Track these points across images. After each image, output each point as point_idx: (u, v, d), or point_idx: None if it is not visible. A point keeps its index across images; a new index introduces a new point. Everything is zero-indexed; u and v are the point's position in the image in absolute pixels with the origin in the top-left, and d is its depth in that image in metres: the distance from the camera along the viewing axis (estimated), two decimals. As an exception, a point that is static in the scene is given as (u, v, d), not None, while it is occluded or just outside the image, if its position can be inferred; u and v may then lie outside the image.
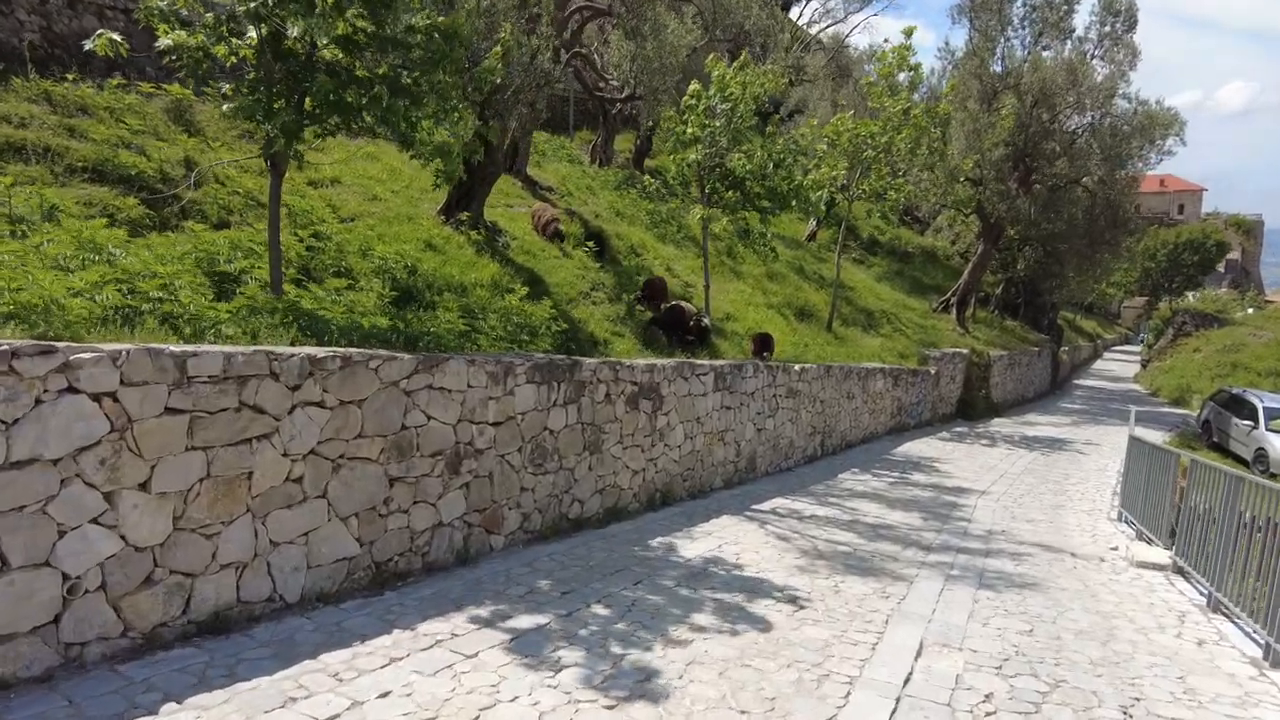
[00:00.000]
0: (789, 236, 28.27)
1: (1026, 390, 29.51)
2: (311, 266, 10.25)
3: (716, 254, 21.35)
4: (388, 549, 6.79)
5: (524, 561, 7.69)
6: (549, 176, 19.94)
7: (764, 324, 17.21)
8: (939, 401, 22.62)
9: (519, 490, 8.10)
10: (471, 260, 12.64)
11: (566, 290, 13.48)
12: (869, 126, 19.68)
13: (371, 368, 6.50)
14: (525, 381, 8.05)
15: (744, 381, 12.51)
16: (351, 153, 15.48)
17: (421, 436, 6.98)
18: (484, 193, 14.26)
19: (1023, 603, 7.72)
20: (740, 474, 12.66)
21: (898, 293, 28.12)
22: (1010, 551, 9.77)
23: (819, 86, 31.63)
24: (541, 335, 10.91)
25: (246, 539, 5.71)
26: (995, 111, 24.76)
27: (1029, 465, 17.00)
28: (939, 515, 11.51)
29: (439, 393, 7.11)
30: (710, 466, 11.74)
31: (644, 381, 9.91)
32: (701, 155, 14.97)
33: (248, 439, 5.67)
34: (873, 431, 18.59)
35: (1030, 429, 22.98)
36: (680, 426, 10.84)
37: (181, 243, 8.69)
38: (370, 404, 6.51)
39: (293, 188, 12.87)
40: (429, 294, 10.96)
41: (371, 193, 13.97)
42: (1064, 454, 18.97)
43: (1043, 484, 14.95)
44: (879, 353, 20.45)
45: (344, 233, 11.58)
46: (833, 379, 16.04)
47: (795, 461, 14.74)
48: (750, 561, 8.36)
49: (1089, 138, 24.82)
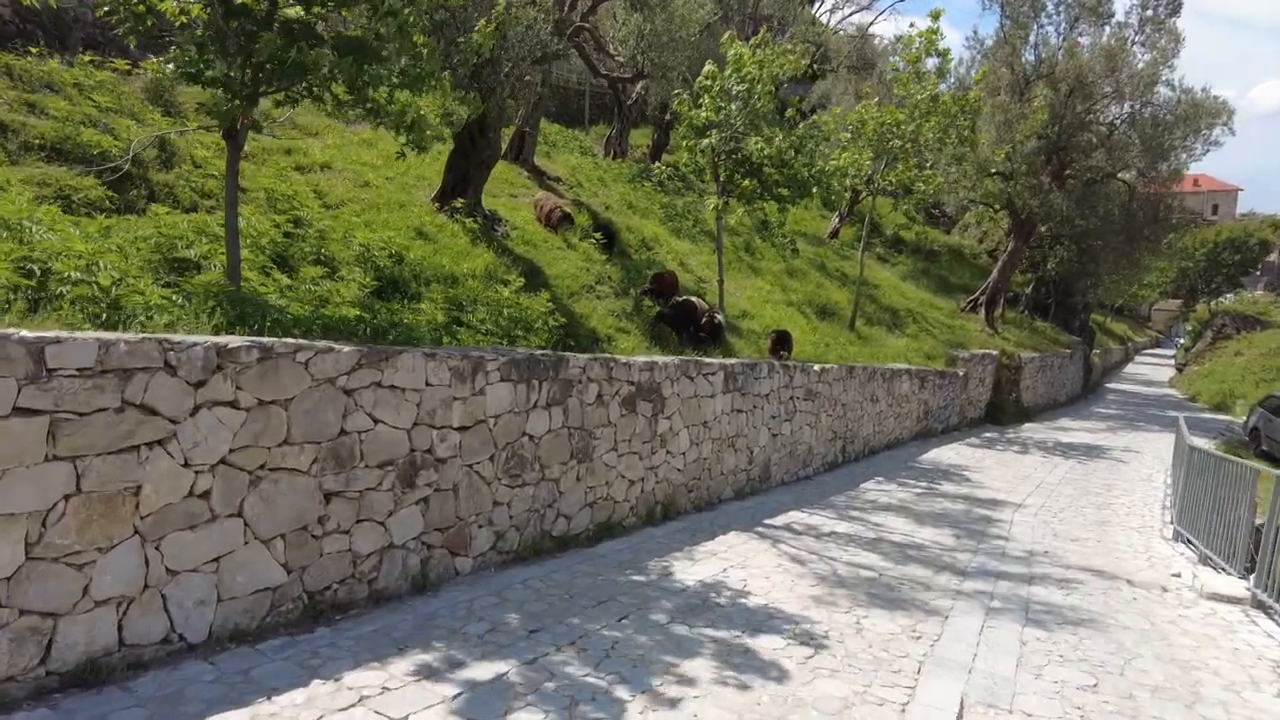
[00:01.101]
0: (811, 233, 26.98)
1: (1058, 394, 27.94)
2: (289, 254, 9.29)
3: (734, 249, 20.15)
4: (324, 576, 5.65)
5: (493, 589, 6.53)
6: (558, 168, 18.82)
7: (783, 322, 15.98)
8: (967, 405, 21.22)
9: (491, 505, 6.94)
10: (465, 249, 11.58)
11: (568, 283, 12.36)
12: (895, 114, 18.34)
13: (299, 361, 5.36)
14: (499, 380, 6.89)
15: (758, 382, 11.28)
16: (347, 139, 14.50)
17: (366, 443, 5.84)
18: (481, 178, 13.16)
19: (1080, 645, 6.43)
20: (753, 484, 11.43)
21: (923, 292, 26.70)
22: (1057, 578, 8.46)
23: (841, 81, 30.26)
24: (537, 330, 9.85)
25: (133, 568, 4.59)
26: (1027, 102, 23.29)
27: (1066, 475, 15.60)
28: (973, 532, 10.21)
29: (389, 392, 5.97)
30: (719, 476, 10.52)
31: (643, 381, 8.72)
32: (717, 140, 13.76)
33: (134, 446, 4.55)
34: (897, 437, 17.26)
35: (1064, 435, 21.49)
36: (685, 431, 9.63)
37: (142, 226, 7.76)
38: (299, 404, 5.37)
39: (277, 172, 11.95)
40: (415, 285, 9.92)
41: (363, 179, 12.97)
42: (1103, 462, 17.52)
43: (1084, 496, 13.57)
44: (904, 353, 19.11)
45: (328, 219, 10.57)
46: (856, 380, 14.75)
47: (814, 469, 13.48)
48: (759, 589, 7.14)
49: (1128, 128, 23.26)
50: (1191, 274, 44.21)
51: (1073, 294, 32.56)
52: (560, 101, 28.51)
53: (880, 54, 30.74)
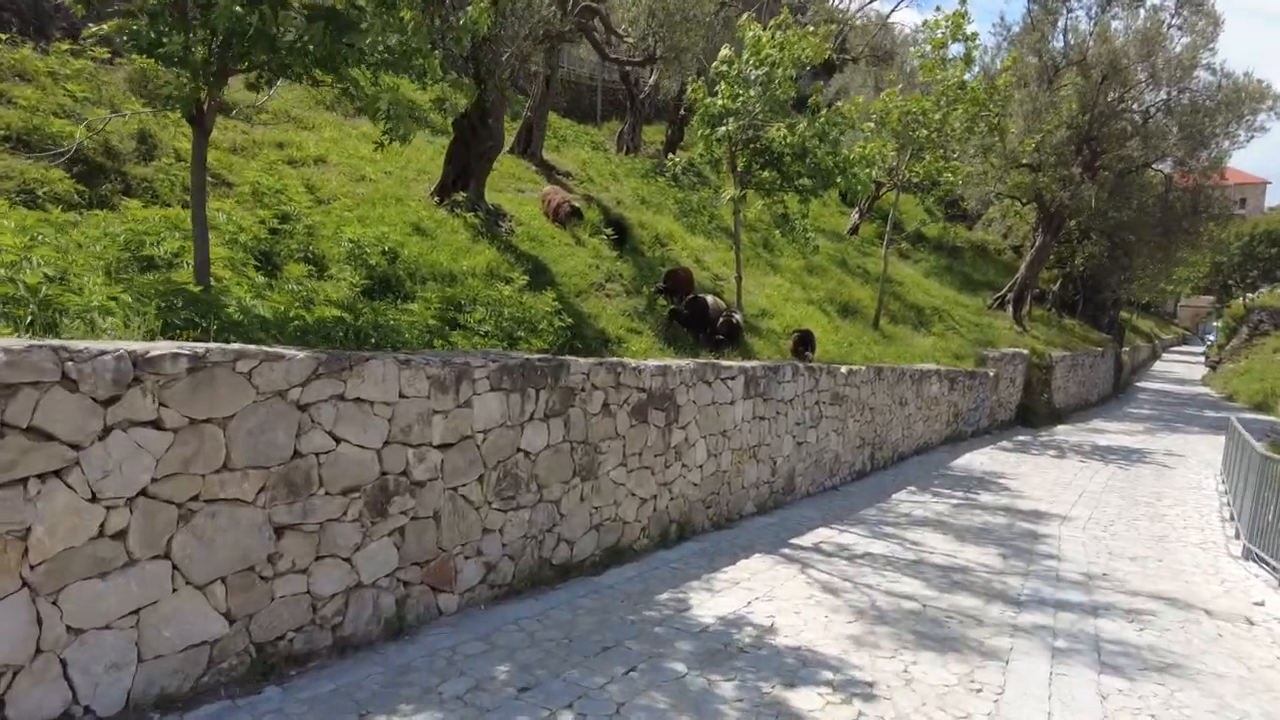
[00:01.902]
0: (830, 230, 25.92)
1: (1089, 394, 26.68)
2: (275, 251, 8.48)
3: (752, 245, 19.14)
4: (275, 625, 4.72)
5: (481, 632, 5.58)
6: (568, 162, 17.88)
7: (804, 321, 14.95)
8: (997, 407, 20.09)
9: (479, 533, 5.99)
10: (465, 246, 10.68)
11: (576, 281, 11.42)
12: (921, 102, 17.26)
13: (241, 372, 4.44)
14: (489, 389, 5.94)
15: (780, 387, 10.28)
16: (345, 132, 13.66)
17: (327, 467, 4.91)
18: (483, 171, 12.24)
19: (1172, 701, 5.40)
20: (776, 496, 10.43)
21: (948, 289, 25.55)
22: (1124, 607, 7.41)
23: (860, 73, 29.11)
24: (542, 331, 8.94)
25: (19, 629, 3.69)
26: (1056, 91, 22.11)
27: (1109, 482, 14.47)
28: (1019, 550, 9.17)
29: (355, 406, 5.03)
30: (739, 489, 9.54)
31: (654, 388, 7.75)
32: (734, 128, 12.77)
33: (19, 480, 3.65)
34: (927, 441, 16.19)
35: (1100, 437, 20.29)
36: (702, 442, 8.66)
37: (113, 222, 6.98)
38: (241, 423, 4.45)
39: (267, 165, 11.09)
40: (410, 283, 9.06)
41: (360, 173, 12.11)
42: (1146, 467, 16.35)
43: (1133, 506, 12.45)
44: (932, 353, 18.03)
45: (319, 215, 9.72)
46: (884, 382, 13.72)
47: (841, 479, 12.46)
48: (789, 626, 6.15)
49: (1164, 116, 21.99)
50: (1225, 268, 42.54)
51: (1101, 290, 31.24)
52: (572, 97, 27.62)
53: (900, 44, 29.57)
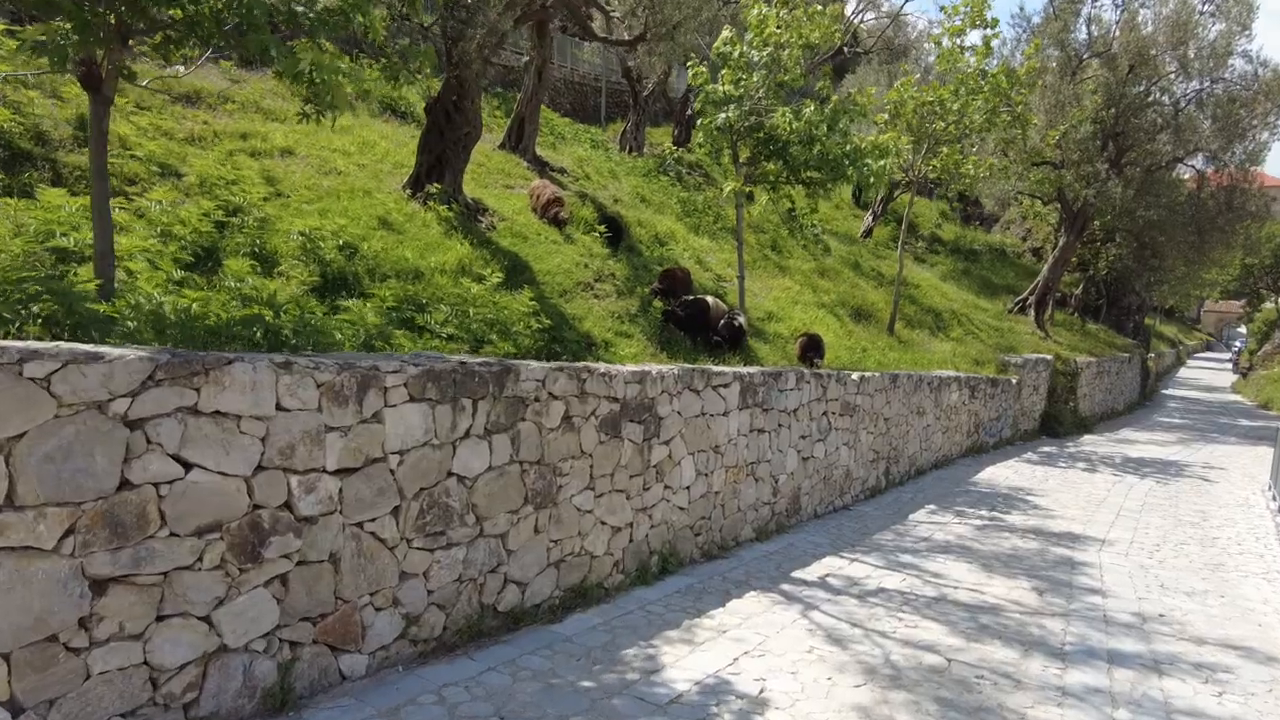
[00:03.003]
0: (843, 233, 24.66)
1: (1116, 402, 25.14)
2: (219, 247, 7.39)
3: (759, 246, 17.94)
4: (92, 711, 3.53)
5: (387, 705, 4.37)
6: (565, 160, 16.74)
7: (814, 325, 13.70)
8: (1021, 416, 18.68)
9: (396, 577, 4.79)
10: (437, 241, 9.59)
11: (561, 280, 10.27)
12: (939, 91, 15.98)
13: (33, 377, 3.27)
14: (406, 400, 4.74)
15: (783, 396, 9.02)
16: (320, 124, 12.58)
17: (171, 500, 3.72)
18: (459, 160, 11.11)
19: (1280, 805, 4.10)
20: (779, 519, 9.16)
21: (966, 293, 24.16)
22: (1192, 660, 6.08)
23: (872, 72, 27.82)
24: (516, 334, 7.81)
25: None
26: (1080, 83, 20.72)
27: (1147, 498, 13.07)
28: (1056, 584, 7.86)
29: (212, 421, 3.85)
30: (735, 513, 8.28)
31: (630, 397, 6.53)
32: (735, 115, 11.58)
33: None
34: (946, 454, 14.85)
35: (1131, 448, 18.81)
36: (689, 459, 7.41)
37: (30, 211, 6.02)
38: (34, 445, 3.28)
39: (223, 156, 10.07)
40: (370, 281, 7.97)
41: (330, 165, 11.04)
42: (1185, 482, 14.91)
43: (1177, 527, 11.06)
44: (950, 359, 16.69)
45: (277, 208, 8.66)
46: (900, 391, 12.42)
47: (853, 497, 11.16)
48: (782, 694, 4.90)
49: (1196, 108, 20.52)
50: (1256, 270, 40.62)
51: (1126, 294, 29.66)
52: (577, 98, 26.57)
53: (916, 40, 28.28)
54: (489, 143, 15.48)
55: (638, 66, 22.86)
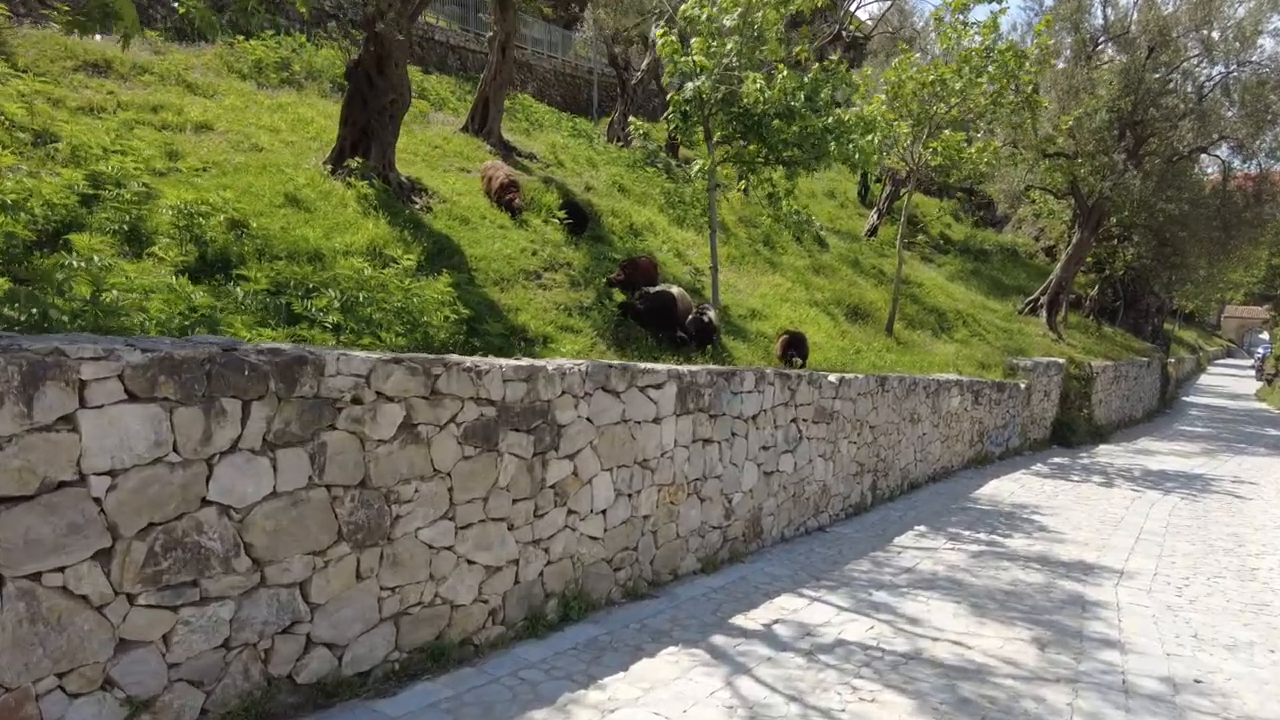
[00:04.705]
0: (846, 231, 23.07)
1: (1134, 409, 23.27)
2: (83, 223, 6.06)
3: (751, 241, 16.41)
4: None
5: None
6: (537, 145, 15.31)
7: (804, 324, 12.20)
8: (1030, 423, 16.96)
9: (109, 648, 3.31)
10: (351, 221, 8.21)
11: (499, 267, 8.86)
12: (942, 70, 14.37)
13: None
14: (121, 399, 3.27)
15: (737, 400, 7.47)
16: (256, 101, 11.28)
17: None
18: (387, 132, 9.72)
19: None
20: (733, 545, 7.61)
21: (974, 293, 22.44)
22: (1242, 754, 4.48)
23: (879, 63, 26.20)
24: (426, 324, 6.43)
25: None
26: (1095, 68, 19.00)
27: (1171, 519, 11.37)
28: (1063, 632, 6.26)
29: None
30: (672, 540, 6.74)
31: (512, 400, 5.02)
32: (706, 85, 10.13)
33: None
34: (946, 465, 13.21)
35: (1151, 460, 17.02)
36: (605, 477, 5.89)
37: None
38: None
39: (120, 126, 8.82)
40: (257, 262, 6.59)
41: (252, 141, 9.67)
42: (1213, 499, 13.16)
43: (1209, 555, 9.39)
44: (954, 361, 15.05)
45: (166, 185, 7.37)
46: (889, 395, 10.82)
47: (832, 516, 9.59)
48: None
49: (1221, 93, 18.73)
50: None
51: (1144, 296, 27.75)
52: (568, 90, 25.21)
53: (922, 30, 26.62)
54: (451, 125, 14.11)
55: (623, 53, 21.44)
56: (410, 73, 16.43)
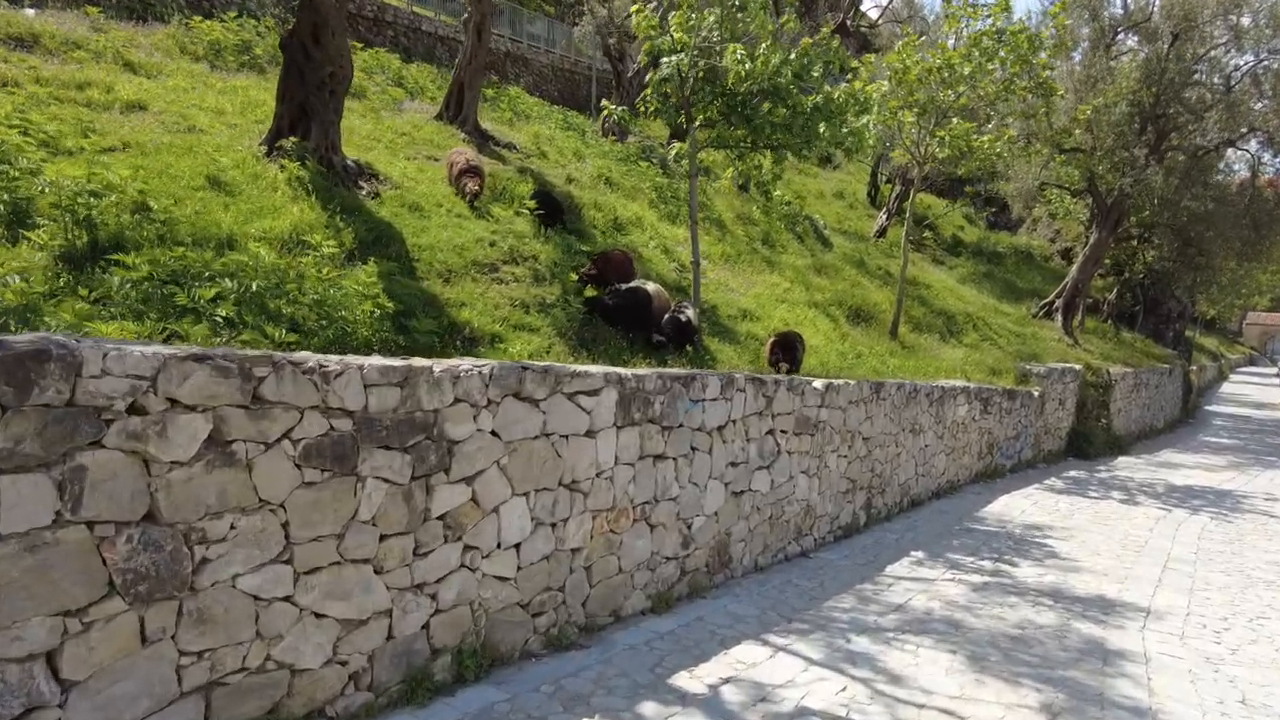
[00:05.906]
0: (854, 231, 21.92)
1: (1155, 419, 21.90)
2: None
3: (749, 240, 15.33)
4: None
5: None
6: (519, 136, 14.28)
7: (800, 325, 11.10)
8: (1044, 434, 15.70)
9: None
10: (277, 205, 7.25)
11: (448, 258, 7.84)
12: (949, 54, 13.22)
13: None
14: None
15: (697, 410, 6.36)
16: (206, 84, 10.35)
17: None
18: (328, 111, 8.71)
19: None
20: (694, 578, 6.49)
21: (986, 296, 21.18)
22: None
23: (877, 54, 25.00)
24: (345, 320, 5.43)
25: None
26: (1114, 58, 17.74)
27: (1201, 542, 10.13)
28: (1079, 693, 5.11)
29: None
30: (614, 575, 5.63)
31: (379, 410, 3.96)
32: (684, 63, 9.12)
33: None
34: (951, 480, 12.02)
35: (1175, 474, 15.70)
36: (519, 504, 4.80)
37: None
38: None
39: (25, 102, 7.90)
40: (154, 248, 5.58)
41: (191, 122, 8.72)
42: (1246, 519, 11.89)
43: (1248, 588, 8.17)
44: (962, 366, 13.85)
45: (67, 164, 6.42)
46: (887, 403, 9.67)
47: (818, 539, 8.45)
48: None
49: (1251, 84, 17.42)
50: (1312, 276, 36.63)
51: (1165, 300, 26.33)
52: (566, 86, 24.26)
53: (934, 24, 25.41)
54: (427, 114, 13.13)
55: (618, 45, 20.41)
56: (389, 60, 15.54)
